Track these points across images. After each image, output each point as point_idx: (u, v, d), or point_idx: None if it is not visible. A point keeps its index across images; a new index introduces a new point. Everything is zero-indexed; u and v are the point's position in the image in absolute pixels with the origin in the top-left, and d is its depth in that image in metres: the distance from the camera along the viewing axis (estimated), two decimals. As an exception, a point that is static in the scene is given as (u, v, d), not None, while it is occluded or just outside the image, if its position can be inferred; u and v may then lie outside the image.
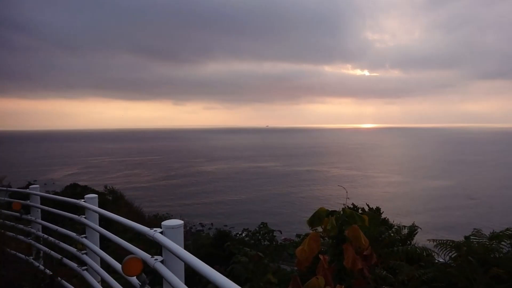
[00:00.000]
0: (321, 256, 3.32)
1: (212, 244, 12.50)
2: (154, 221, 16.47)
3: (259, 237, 8.23)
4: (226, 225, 41.60)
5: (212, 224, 44.33)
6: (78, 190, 26.34)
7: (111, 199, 20.80)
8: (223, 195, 63.68)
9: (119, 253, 4.66)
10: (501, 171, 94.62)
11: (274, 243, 8.10)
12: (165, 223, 2.71)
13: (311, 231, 3.72)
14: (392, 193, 65.88)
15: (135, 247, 2.99)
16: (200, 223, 44.83)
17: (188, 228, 40.14)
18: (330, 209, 3.56)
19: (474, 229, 5.59)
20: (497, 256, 4.96)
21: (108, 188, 27.11)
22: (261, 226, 8.41)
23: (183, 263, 2.69)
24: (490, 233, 5.73)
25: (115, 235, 3.87)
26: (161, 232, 2.66)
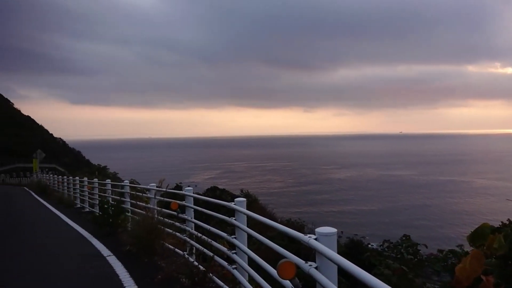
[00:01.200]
0: (483, 277, 3.00)
1: (344, 253, 12.28)
2: (287, 226, 16.80)
3: (402, 250, 7.79)
4: (356, 234, 40.49)
5: (342, 232, 43.53)
6: (217, 193, 28.46)
7: (247, 202, 21.97)
8: (353, 204, 62.06)
9: (259, 254, 4.89)
10: None
11: (418, 257, 7.59)
12: (319, 230, 2.76)
13: (455, 248, 3.39)
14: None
15: (288, 252, 3.11)
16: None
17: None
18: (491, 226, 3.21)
19: None
20: None
21: (244, 192, 28.73)
22: (404, 238, 7.96)
23: (336, 270, 2.70)
24: None
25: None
26: (315, 239, 2.71)
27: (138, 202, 8.46)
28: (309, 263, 2.76)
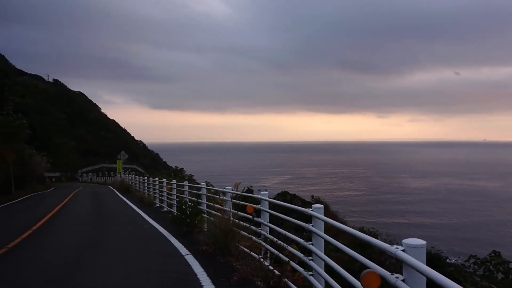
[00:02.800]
0: None
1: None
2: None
3: (491, 267, 7.21)
4: (433, 247, 38.20)
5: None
6: (288, 198, 28.49)
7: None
8: (429, 216, 58.64)
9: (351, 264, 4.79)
10: None
11: (510, 276, 6.97)
12: (407, 241, 2.66)
13: None
14: None
15: (372, 262, 3.03)
16: (405, 242, 42.37)
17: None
18: None
19: None
20: None
21: (315, 198, 28.47)
22: (493, 255, 7.37)
23: (425, 283, 2.59)
24: None
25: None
26: (402, 250, 2.62)
27: (214, 204, 8.74)
28: (396, 275, 2.67)
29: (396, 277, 2.63)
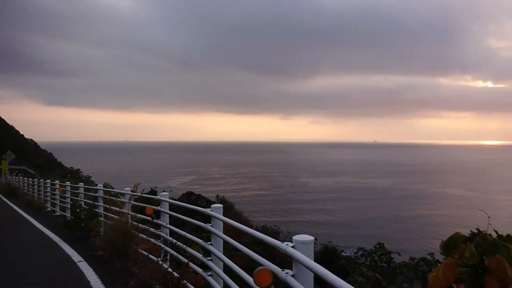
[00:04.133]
0: (455, 285, 3.05)
1: (318, 260, 12.29)
2: (262, 233, 16.81)
3: (375, 257, 7.88)
4: (330, 241, 40.77)
5: (316, 239, 43.72)
6: (193, 198, 28.20)
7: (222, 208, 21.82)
8: (328, 213, 62.59)
9: (233, 261, 4.85)
10: None
11: (392, 265, 7.69)
12: (297, 238, 2.76)
13: (426, 256, 3.45)
14: (518, 219, 58.33)
15: (263, 259, 3.09)
16: (306, 237, 44.53)
17: (293, 241, 40.30)
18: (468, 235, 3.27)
19: None
20: None
21: (220, 197, 28.57)
22: (377, 246, 8.07)
23: (312, 278, 2.70)
24: None
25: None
26: (292, 247, 2.71)
27: (111, 207, 8.29)
28: (286, 271, 2.75)
29: (286, 273, 2.71)
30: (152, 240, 7.01)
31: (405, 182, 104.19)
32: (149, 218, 7.02)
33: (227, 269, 4.73)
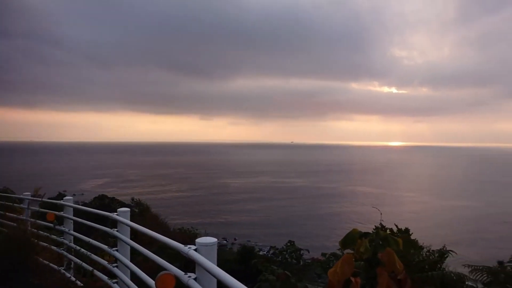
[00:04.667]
0: (353, 279, 3.24)
1: (236, 260, 12.33)
2: (179, 235, 16.54)
3: (286, 255, 8.13)
4: (249, 240, 41.29)
5: (235, 239, 44.12)
6: (106, 201, 26.80)
7: (138, 211, 21.02)
8: (247, 211, 63.53)
9: (145, 266, 4.70)
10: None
11: (301, 262, 7.97)
12: (199, 240, 2.72)
13: (336, 251, 3.64)
14: (420, 213, 64.14)
15: (167, 263, 3.01)
16: (224, 238, 44.65)
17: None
18: (363, 231, 3.48)
19: (512, 255, 5.36)
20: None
21: (135, 200, 27.50)
22: (288, 244, 8.32)
23: (215, 281, 2.68)
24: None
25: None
26: (195, 250, 2.67)
27: (7, 213, 7.55)
28: (189, 274, 2.71)
29: (189, 276, 2.67)
30: (55, 248, 6.51)
31: (321, 181, 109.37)
32: (51, 225, 6.51)
33: (136, 276, 4.55)
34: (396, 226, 13.25)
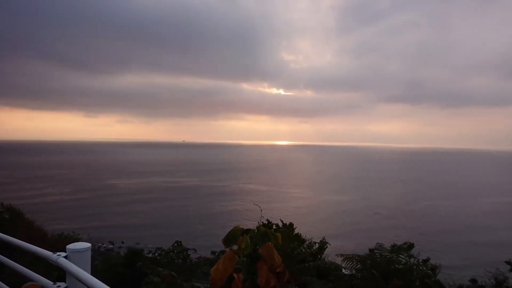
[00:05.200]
0: (235, 275, 3.33)
1: (123, 264, 11.87)
2: (59, 241, 15.32)
3: (173, 256, 8.00)
4: (138, 243, 39.89)
5: (123, 242, 42.27)
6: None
7: (8, 217, 18.96)
8: (136, 213, 61.20)
9: (16, 277, 4.25)
10: (400, 187, 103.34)
11: (188, 261, 7.93)
12: (70, 246, 2.52)
13: (226, 249, 3.72)
14: (304, 208, 68.45)
15: (33, 273, 2.74)
16: (110, 241, 42.48)
17: (96, 247, 37.80)
18: (245, 227, 3.59)
19: (377, 243, 6.02)
20: (398, 267, 5.39)
21: (5, 205, 24.65)
22: (175, 244, 8.20)
23: (88, 288, 2.52)
24: (391, 246, 6.21)
25: (12, 257, 3.51)
26: (65, 257, 2.46)
27: None
28: (58, 284, 2.50)
29: (58, 286, 2.46)
30: None
31: (213, 180, 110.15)
32: None
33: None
34: (282, 221, 13.91)
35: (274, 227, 13.86)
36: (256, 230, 3.49)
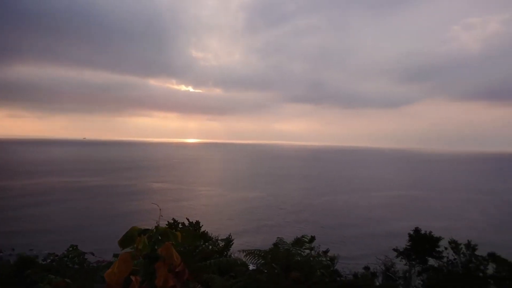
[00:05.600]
0: (132, 277, 3.21)
1: (12, 273, 10.86)
2: None
3: (67, 261, 7.43)
4: (32, 249, 36.65)
5: (13, 249, 38.46)
6: None
7: None
8: (30, 217, 56.10)
9: None
10: (304, 183, 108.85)
11: (85, 266, 7.44)
12: None
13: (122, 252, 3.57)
14: (213, 206, 68.70)
15: None
16: (-3, 249, 38.46)
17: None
18: (148, 227, 3.48)
19: (278, 237, 6.24)
20: (298, 260, 5.63)
21: None
22: (70, 249, 7.63)
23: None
24: (294, 239, 6.48)
25: None
26: None
27: None
28: None
29: None
30: None
31: (118, 179, 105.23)
32: None
33: None
34: (188, 219, 13.80)
35: (180, 226, 13.67)
36: (154, 230, 3.40)
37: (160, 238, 3.34)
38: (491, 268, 17.94)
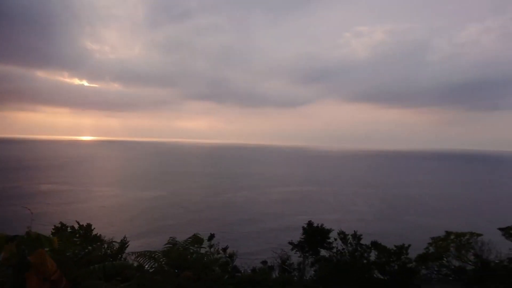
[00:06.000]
0: (-1, 290, 2.89)
1: None
2: None
3: None
4: None
5: None
6: None
7: None
8: None
9: None
10: (205, 181, 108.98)
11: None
12: None
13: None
14: (109, 207, 65.35)
15: None
16: None
17: None
18: (12, 234, 3.15)
19: (170, 237, 6.13)
20: (190, 258, 5.59)
21: None
22: None
23: None
24: (191, 238, 6.41)
25: None
26: None
27: None
28: None
29: None
30: None
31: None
32: None
33: None
34: (78, 223, 12.92)
35: (69, 229, 12.74)
36: (25, 236, 3.09)
37: (32, 244, 3.06)
38: (373, 255, 19.86)
